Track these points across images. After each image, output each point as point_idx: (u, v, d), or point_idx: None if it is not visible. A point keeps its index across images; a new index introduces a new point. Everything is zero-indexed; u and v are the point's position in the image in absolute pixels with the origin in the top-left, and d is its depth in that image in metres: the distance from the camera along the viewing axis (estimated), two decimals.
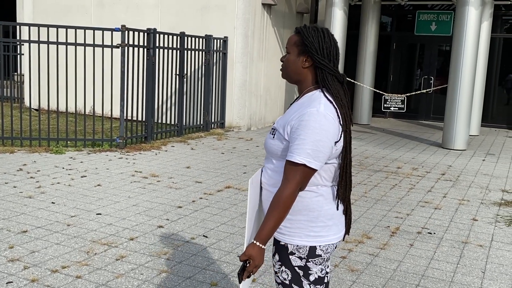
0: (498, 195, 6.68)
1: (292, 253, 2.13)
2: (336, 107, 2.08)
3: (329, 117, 2.03)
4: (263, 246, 2.05)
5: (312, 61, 2.13)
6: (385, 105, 11.48)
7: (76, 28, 8.25)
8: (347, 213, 2.24)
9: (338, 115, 2.07)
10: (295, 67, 2.16)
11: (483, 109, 13.14)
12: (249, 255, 2.04)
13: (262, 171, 2.25)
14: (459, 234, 5.09)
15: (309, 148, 2.00)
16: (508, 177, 7.74)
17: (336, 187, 2.19)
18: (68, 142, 8.72)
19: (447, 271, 4.18)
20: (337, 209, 2.17)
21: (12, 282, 3.64)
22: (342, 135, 2.09)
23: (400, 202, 6.17)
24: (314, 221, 2.12)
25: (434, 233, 5.11)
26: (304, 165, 2.02)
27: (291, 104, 2.27)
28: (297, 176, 2.02)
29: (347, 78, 2.96)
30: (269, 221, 2.03)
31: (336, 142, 2.06)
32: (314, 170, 2.05)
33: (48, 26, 8.07)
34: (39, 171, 6.83)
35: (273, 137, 2.16)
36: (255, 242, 2.05)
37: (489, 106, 13.81)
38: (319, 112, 2.02)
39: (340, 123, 2.07)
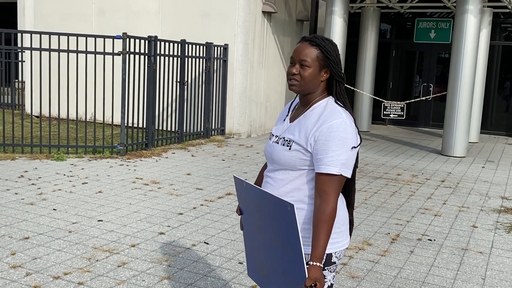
0: (498, 202, 6.70)
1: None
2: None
3: (353, 126, 2.09)
4: (321, 265, 2.00)
5: (330, 74, 2.15)
6: (384, 112, 11.52)
7: (77, 35, 8.30)
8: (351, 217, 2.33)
9: (356, 123, 2.14)
10: (316, 81, 2.14)
11: (482, 116, 13.19)
12: (315, 278, 1.96)
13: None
14: (459, 241, 5.11)
15: (343, 158, 2.04)
16: (508, 184, 7.76)
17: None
18: (69, 149, 8.74)
19: (448, 278, 4.20)
20: (349, 215, 2.26)
21: None
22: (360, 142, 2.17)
23: (400, 209, 6.19)
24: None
25: (434, 240, 5.12)
26: (341, 175, 2.05)
27: (292, 110, 2.28)
28: (336, 187, 2.04)
29: (348, 86, 3.01)
30: (321, 239, 2.00)
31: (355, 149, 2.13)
32: (345, 179, 2.10)
33: (50, 33, 8.12)
34: (40, 177, 6.85)
35: (289, 149, 2.13)
36: (315, 263, 1.98)
37: (488, 113, 13.86)
38: (345, 123, 2.06)
39: (358, 131, 2.14)
